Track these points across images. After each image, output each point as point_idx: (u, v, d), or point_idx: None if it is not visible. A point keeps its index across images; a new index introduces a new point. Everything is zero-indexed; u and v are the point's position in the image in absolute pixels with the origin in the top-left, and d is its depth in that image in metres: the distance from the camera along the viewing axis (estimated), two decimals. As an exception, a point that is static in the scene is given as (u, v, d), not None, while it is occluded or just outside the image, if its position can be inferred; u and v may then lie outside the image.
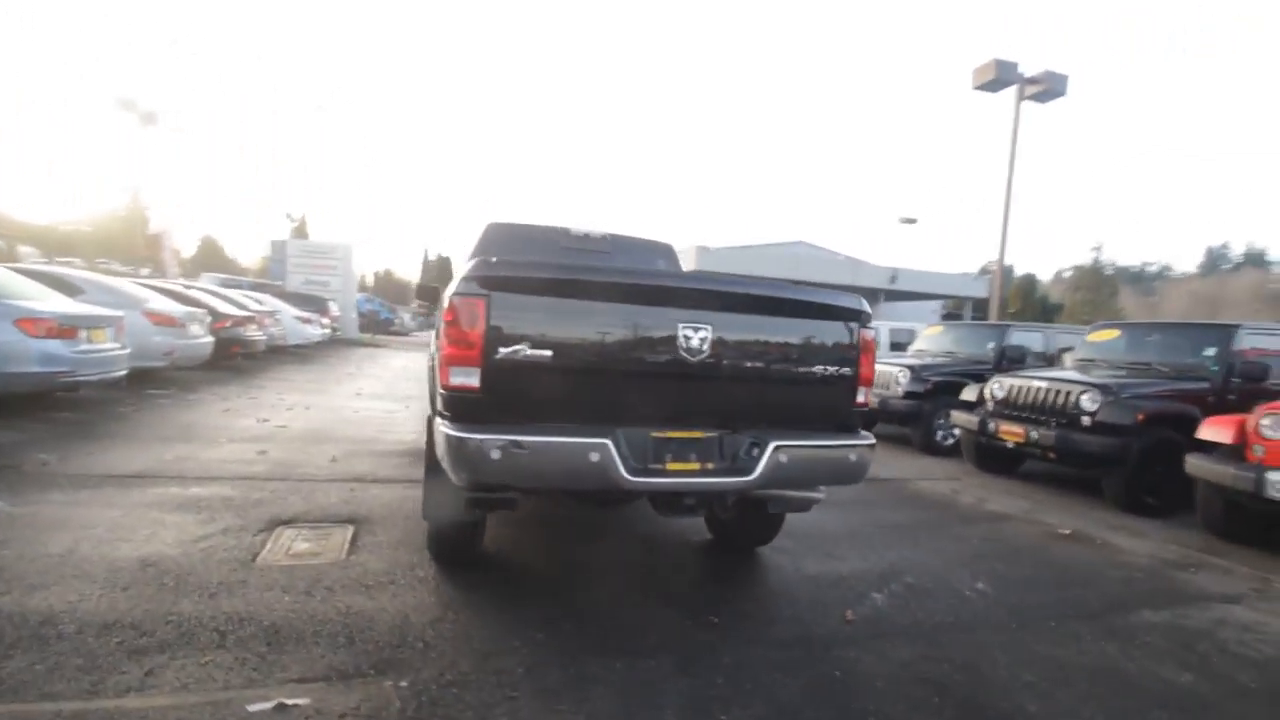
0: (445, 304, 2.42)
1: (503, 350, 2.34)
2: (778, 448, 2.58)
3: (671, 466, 2.54)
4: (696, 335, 2.53)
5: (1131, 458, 5.28)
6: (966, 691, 2.42)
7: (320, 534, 3.56)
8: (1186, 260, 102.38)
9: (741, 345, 2.65)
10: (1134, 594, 3.58)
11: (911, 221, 27.74)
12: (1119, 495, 5.42)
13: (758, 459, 2.59)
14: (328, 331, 16.72)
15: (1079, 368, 6.80)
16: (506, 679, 2.25)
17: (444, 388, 2.40)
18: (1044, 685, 2.50)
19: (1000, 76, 11.75)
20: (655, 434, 2.54)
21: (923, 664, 2.59)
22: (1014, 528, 4.80)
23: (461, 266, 2.63)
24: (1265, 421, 4.33)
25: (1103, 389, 5.55)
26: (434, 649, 2.42)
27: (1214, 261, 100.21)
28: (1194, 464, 4.68)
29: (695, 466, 2.58)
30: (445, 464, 2.39)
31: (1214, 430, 4.69)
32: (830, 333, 2.82)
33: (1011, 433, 5.99)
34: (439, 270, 5.63)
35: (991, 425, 6.22)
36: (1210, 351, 5.92)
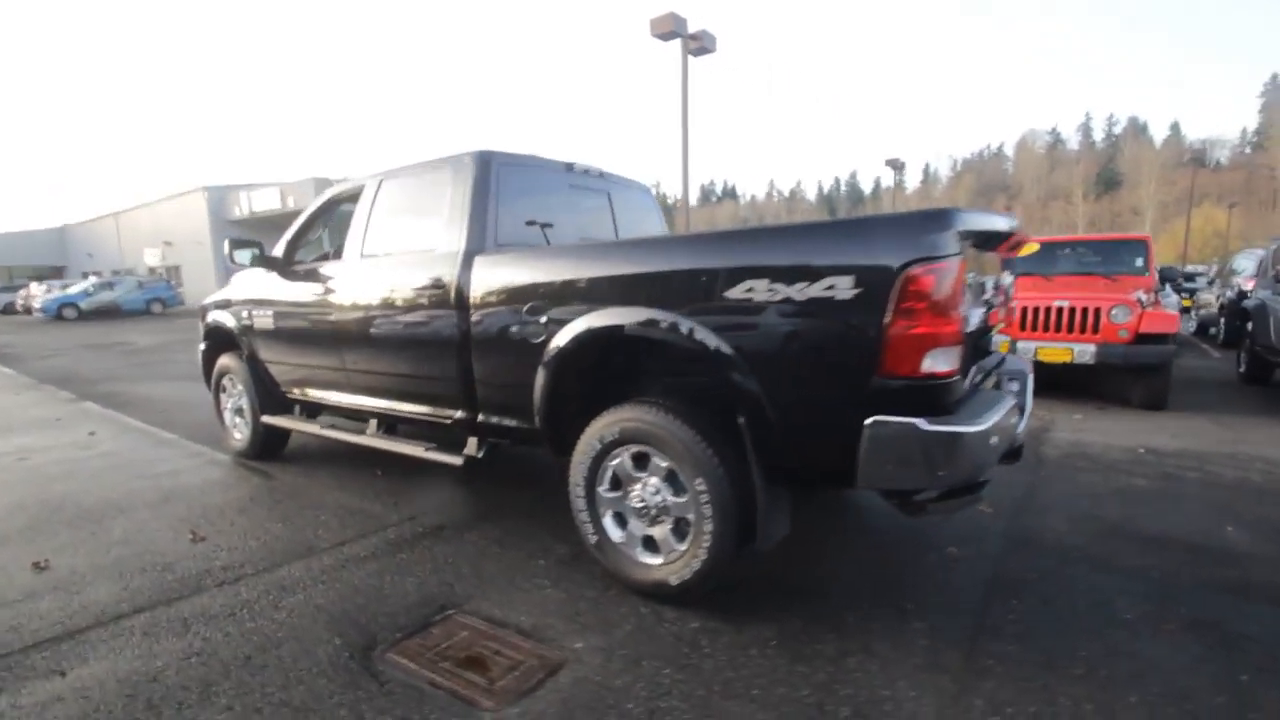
0: (902, 272, 1.84)
1: (973, 320, 1.96)
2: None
3: None
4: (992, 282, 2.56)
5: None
6: (1152, 528, 3.23)
7: (452, 635, 2.32)
8: (691, 195, 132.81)
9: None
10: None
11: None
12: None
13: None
14: None
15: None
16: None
17: (905, 375, 1.88)
18: (1139, 513, 3.49)
19: (674, 29, 13.10)
20: None
21: (1113, 532, 3.32)
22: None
23: (873, 215, 2.02)
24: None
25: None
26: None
27: (706, 195, 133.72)
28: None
29: None
30: (921, 467, 1.90)
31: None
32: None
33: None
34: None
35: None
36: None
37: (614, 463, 2.56)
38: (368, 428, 3.77)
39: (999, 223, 2.26)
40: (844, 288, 1.92)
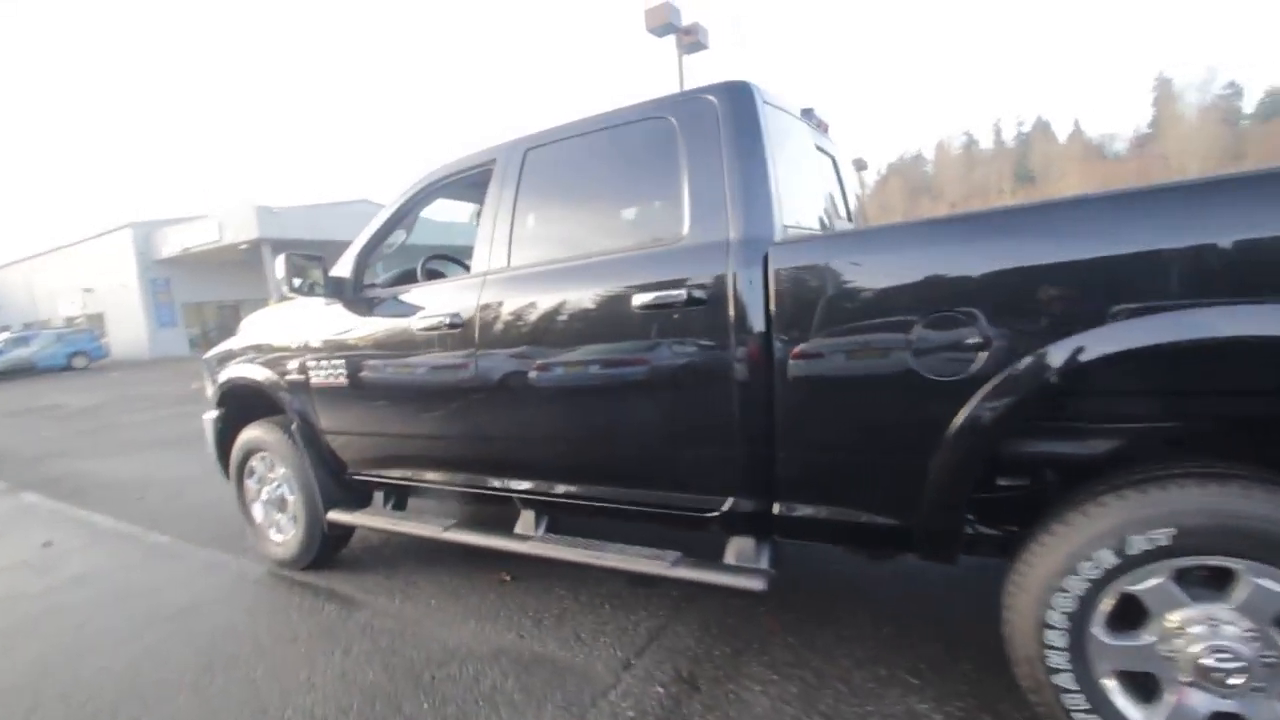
0: None
1: None
2: None
3: None
4: None
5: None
6: None
7: None
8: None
9: None
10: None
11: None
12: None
13: None
14: None
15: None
16: None
17: None
18: None
19: (669, 21, 12.18)
20: None
21: None
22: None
23: None
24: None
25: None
26: None
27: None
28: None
29: None
30: None
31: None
32: None
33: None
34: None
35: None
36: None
37: (1138, 587, 1.44)
38: (519, 524, 2.51)
39: None
40: None
